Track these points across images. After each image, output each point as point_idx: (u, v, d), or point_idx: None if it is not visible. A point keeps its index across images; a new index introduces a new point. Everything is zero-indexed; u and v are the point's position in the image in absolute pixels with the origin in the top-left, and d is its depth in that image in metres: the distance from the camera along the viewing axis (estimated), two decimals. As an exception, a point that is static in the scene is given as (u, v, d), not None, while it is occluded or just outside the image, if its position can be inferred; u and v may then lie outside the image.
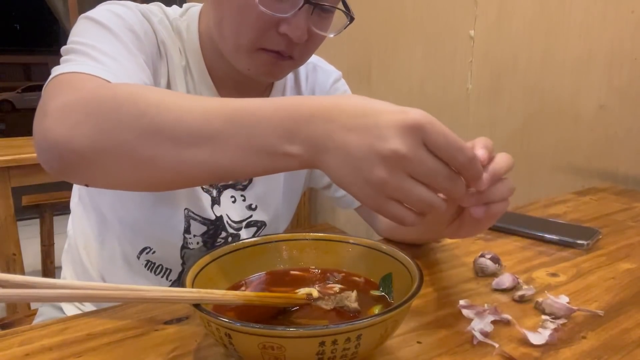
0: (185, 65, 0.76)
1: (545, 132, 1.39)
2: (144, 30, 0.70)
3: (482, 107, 1.56)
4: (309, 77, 0.89)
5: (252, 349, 0.40)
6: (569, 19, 1.30)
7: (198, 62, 0.76)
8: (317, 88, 0.90)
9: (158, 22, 0.73)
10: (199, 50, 0.76)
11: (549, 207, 0.99)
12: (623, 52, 1.20)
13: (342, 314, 0.50)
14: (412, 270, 0.50)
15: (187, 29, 0.76)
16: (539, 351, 0.50)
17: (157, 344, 0.51)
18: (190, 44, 0.76)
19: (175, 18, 0.76)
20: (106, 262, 0.80)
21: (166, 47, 0.74)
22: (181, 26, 0.76)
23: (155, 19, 0.73)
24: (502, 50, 1.48)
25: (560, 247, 0.78)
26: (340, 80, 0.92)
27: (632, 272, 0.68)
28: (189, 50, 0.76)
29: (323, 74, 0.90)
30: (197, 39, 0.76)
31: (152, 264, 0.79)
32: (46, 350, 0.50)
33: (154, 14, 0.73)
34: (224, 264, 0.54)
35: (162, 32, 0.73)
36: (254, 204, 0.83)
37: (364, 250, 0.57)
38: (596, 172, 1.29)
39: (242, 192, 0.82)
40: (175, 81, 0.74)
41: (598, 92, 1.26)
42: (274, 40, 0.67)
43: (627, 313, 0.57)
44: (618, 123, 1.23)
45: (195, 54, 0.76)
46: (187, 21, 0.77)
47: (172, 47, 0.74)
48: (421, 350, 0.50)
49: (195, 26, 0.76)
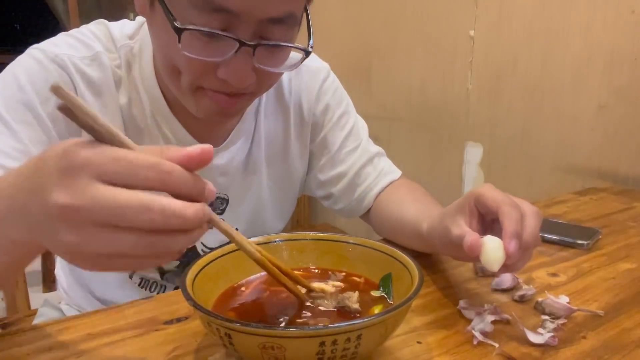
0: (128, 102, 0.68)
1: (545, 132, 1.39)
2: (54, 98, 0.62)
3: (482, 107, 1.56)
4: (293, 82, 0.80)
5: (252, 349, 0.40)
6: (569, 19, 1.30)
7: (152, 89, 0.68)
8: (304, 94, 0.81)
9: (89, 61, 0.65)
10: (153, 77, 0.68)
11: (549, 207, 0.99)
12: (623, 52, 1.20)
13: (343, 314, 0.50)
14: (412, 270, 0.50)
15: (139, 53, 0.68)
16: (539, 351, 0.50)
17: (157, 344, 0.51)
18: (144, 71, 0.68)
19: (123, 45, 0.68)
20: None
21: (96, 90, 0.65)
22: (131, 53, 0.68)
23: (81, 63, 0.64)
24: (502, 50, 1.48)
25: (560, 247, 0.78)
26: (330, 76, 0.84)
27: (632, 272, 0.68)
28: (144, 78, 0.68)
29: (308, 75, 0.81)
30: (151, 64, 0.67)
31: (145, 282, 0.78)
32: (46, 350, 0.50)
33: (76, 59, 0.64)
34: (223, 264, 0.54)
35: (89, 74, 0.65)
36: (234, 225, 0.78)
37: (364, 250, 0.57)
38: (596, 172, 1.29)
39: (220, 216, 0.76)
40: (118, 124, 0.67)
41: (598, 92, 1.26)
42: (215, 83, 0.59)
43: (627, 313, 0.57)
44: (618, 123, 1.23)
45: (149, 81, 0.68)
46: (140, 42, 0.68)
47: (106, 86, 0.66)
48: (421, 350, 0.50)
49: (149, 49, 0.67)
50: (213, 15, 0.52)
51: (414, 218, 0.68)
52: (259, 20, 0.54)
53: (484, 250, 0.51)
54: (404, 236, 0.72)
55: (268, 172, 0.80)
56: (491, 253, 0.51)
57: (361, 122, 0.86)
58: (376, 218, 0.81)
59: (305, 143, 0.82)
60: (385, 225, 0.79)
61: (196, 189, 0.36)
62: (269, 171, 0.80)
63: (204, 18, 0.53)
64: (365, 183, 0.81)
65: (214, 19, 0.53)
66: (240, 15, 0.53)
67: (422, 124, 1.77)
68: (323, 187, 0.84)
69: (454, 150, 1.64)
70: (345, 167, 0.82)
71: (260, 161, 0.79)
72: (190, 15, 0.53)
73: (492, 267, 0.51)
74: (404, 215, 0.72)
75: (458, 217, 0.56)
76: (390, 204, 0.78)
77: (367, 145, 0.84)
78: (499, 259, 0.50)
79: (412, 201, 0.75)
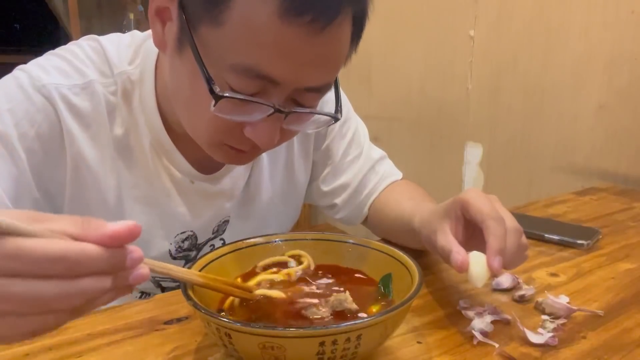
0: (125, 133, 0.64)
1: (545, 132, 1.39)
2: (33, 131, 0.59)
3: (482, 107, 1.56)
4: None
5: (252, 349, 0.40)
6: (569, 19, 1.30)
7: (153, 121, 0.64)
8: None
9: (79, 89, 0.61)
10: (154, 108, 0.64)
11: (549, 207, 0.99)
12: (623, 52, 1.20)
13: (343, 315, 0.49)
14: (412, 270, 0.50)
15: (139, 82, 0.64)
16: (539, 351, 0.50)
17: (157, 344, 0.51)
18: (145, 101, 0.64)
19: (121, 72, 0.64)
20: None
21: (84, 121, 0.62)
22: (129, 80, 0.64)
23: (70, 93, 0.61)
24: (502, 50, 1.47)
25: (560, 247, 0.78)
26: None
27: (632, 272, 0.68)
28: (145, 108, 0.64)
29: None
30: (153, 94, 0.64)
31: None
32: (46, 350, 0.50)
33: (64, 89, 0.60)
34: (223, 264, 0.54)
35: (78, 105, 0.61)
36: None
37: (364, 250, 0.57)
38: (596, 172, 1.29)
39: (221, 236, 0.76)
40: (103, 161, 0.63)
41: (598, 92, 1.26)
42: (238, 140, 0.57)
43: (627, 313, 0.57)
44: (618, 123, 1.23)
45: (150, 112, 0.64)
46: (140, 69, 0.64)
47: (96, 117, 0.62)
48: (421, 350, 0.50)
49: (150, 76, 0.64)
50: (253, 81, 0.51)
51: (407, 215, 0.68)
52: (296, 88, 0.53)
53: (470, 266, 0.52)
54: (400, 234, 0.72)
55: (272, 189, 0.79)
56: (476, 269, 0.52)
57: (362, 126, 0.85)
58: (374, 220, 0.81)
59: (308, 153, 0.81)
60: (383, 225, 0.79)
61: (113, 267, 0.33)
62: (273, 188, 0.79)
63: (242, 82, 0.51)
64: (365, 191, 0.81)
65: (253, 84, 0.51)
66: (280, 83, 0.51)
67: (422, 124, 1.76)
68: (326, 198, 0.83)
69: (454, 150, 1.64)
70: (348, 178, 0.81)
71: (263, 179, 0.77)
72: (227, 76, 0.51)
73: (477, 283, 0.52)
74: (399, 214, 0.72)
75: (444, 222, 0.57)
76: (387, 204, 0.78)
77: (369, 151, 0.83)
78: (483, 275, 0.52)
79: (407, 199, 0.75)
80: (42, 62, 0.63)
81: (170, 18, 0.55)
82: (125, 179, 0.66)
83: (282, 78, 0.51)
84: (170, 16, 0.55)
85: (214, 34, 0.50)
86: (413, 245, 0.69)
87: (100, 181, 0.64)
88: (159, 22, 0.56)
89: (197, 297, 0.44)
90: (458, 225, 0.56)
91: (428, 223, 0.60)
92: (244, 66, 0.50)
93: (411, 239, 0.68)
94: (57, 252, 0.31)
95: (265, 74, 0.50)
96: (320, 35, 0.49)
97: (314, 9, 0.47)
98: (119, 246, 0.33)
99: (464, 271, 0.52)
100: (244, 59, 0.49)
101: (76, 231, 0.33)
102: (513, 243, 0.53)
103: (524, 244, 0.55)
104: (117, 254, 0.33)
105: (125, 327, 0.54)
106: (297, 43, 0.49)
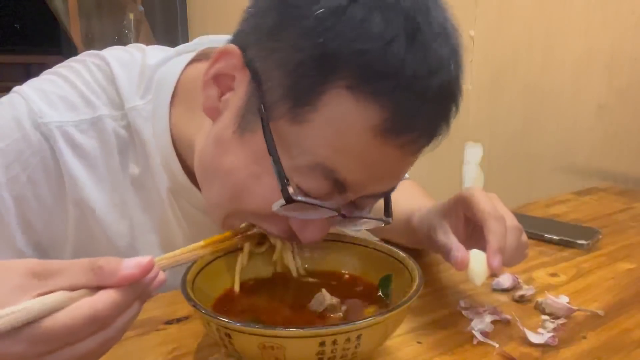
0: (140, 173, 0.59)
1: (545, 132, 1.39)
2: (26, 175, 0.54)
3: (482, 107, 1.56)
4: None
5: (252, 349, 0.40)
6: (569, 19, 1.29)
7: (170, 164, 0.58)
8: None
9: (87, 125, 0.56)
10: (171, 149, 0.58)
11: (549, 207, 0.99)
12: (623, 52, 1.20)
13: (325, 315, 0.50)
14: (412, 270, 0.50)
15: (152, 118, 0.58)
16: (539, 351, 0.50)
17: (157, 344, 0.51)
18: (160, 140, 0.58)
19: (133, 107, 0.58)
20: None
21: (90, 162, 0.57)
22: (140, 116, 0.58)
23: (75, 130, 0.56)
24: (502, 50, 1.47)
25: (560, 247, 0.78)
26: None
27: (632, 272, 0.68)
28: (161, 148, 0.58)
29: None
30: (168, 133, 0.58)
31: None
32: (46, 350, 0.49)
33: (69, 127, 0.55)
34: (224, 264, 0.54)
35: (83, 145, 0.56)
36: None
37: (364, 250, 0.57)
38: (596, 172, 1.29)
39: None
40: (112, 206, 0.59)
41: (598, 92, 1.26)
42: (277, 227, 0.51)
43: (627, 313, 0.57)
44: (618, 123, 1.23)
45: (166, 154, 0.58)
46: (153, 105, 0.58)
47: (104, 156, 0.57)
48: (421, 350, 0.50)
49: (164, 113, 0.58)
50: (325, 183, 0.46)
51: (406, 214, 0.68)
52: (362, 195, 0.49)
53: (470, 264, 0.52)
54: (399, 233, 0.72)
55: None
56: (476, 267, 0.52)
57: None
58: None
59: None
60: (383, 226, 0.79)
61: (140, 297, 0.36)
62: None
63: (313, 183, 0.46)
64: None
65: (325, 187, 0.46)
66: (352, 190, 0.47)
67: (422, 124, 1.76)
68: None
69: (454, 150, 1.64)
70: None
71: None
72: (297, 175, 0.46)
73: (476, 281, 0.52)
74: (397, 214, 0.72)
75: (444, 220, 0.57)
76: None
77: None
78: (483, 273, 0.52)
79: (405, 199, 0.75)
80: (46, 87, 0.57)
81: (231, 88, 0.49)
82: (139, 223, 0.61)
83: (355, 185, 0.47)
84: (232, 86, 0.49)
85: (293, 130, 0.45)
86: (412, 244, 0.69)
87: (109, 229, 0.59)
88: (216, 88, 0.50)
89: (197, 297, 0.44)
90: (458, 223, 0.56)
91: (427, 221, 0.60)
92: (322, 167, 0.45)
93: (410, 238, 0.67)
94: (87, 317, 0.32)
95: (342, 178, 0.46)
96: (408, 157, 0.47)
97: (413, 132, 0.45)
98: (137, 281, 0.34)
99: (463, 269, 0.52)
100: (325, 161, 0.45)
101: (90, 282, 0.33)
102: (513, 241, 0.53)
103: (523, 242, 0.55)
104: (141, 285, 0.35)
105: (125, 327, 0.54)
106: (384, 160, 0.46)
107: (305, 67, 0.44)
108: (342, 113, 0.43)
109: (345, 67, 0.42)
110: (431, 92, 0.44)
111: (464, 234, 0.56)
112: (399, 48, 0.42)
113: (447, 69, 0.45)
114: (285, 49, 0.45)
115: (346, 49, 0.42)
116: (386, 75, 0.42)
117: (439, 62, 0.44)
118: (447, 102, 0.48)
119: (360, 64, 0.42)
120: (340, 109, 0.43)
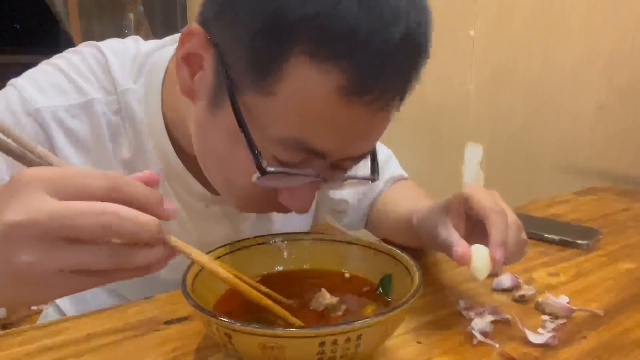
0: (132, 157, 0.60)
1: (545, 132, 1.39)
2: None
3: (482, 107, 1.56)
4: None
5: (252, 349, 0.40)
6: (569, 19, 1.30)
7: (163, 146, 0.60)
8: None
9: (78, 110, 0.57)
10: (163, 132, 0.59)
11: (549, 207, 0.99)
12: (623, 52, 1.20)
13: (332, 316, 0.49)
14: (412, 270, 0.50)
15: (145, 101, 0.59)
16: (539, 351, 0.50)
17: (157, 344, 0.51)
18: (152, 124, 0.59)
19: (125, 90, 0.59)
20: None
21: (83, 146, 0.58)
22: (134, 99, 0.59)
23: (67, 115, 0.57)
24: (502, 50, 1.47)
25: (560, 247, 0.78)
26: None
27: (632, 272, 0.68)
28: (153, 131, 0.60)
29: None
30: (160, 116, 0.59)
31: None
32: (46, 350, 0.50)
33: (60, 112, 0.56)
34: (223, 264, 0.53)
35: (75, 129, 0.57)
36: None
37: (364, 250, 0.57)
38: (596, 172, 1.29)
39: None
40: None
41: (598, 92, 1.26)
42: (271, 204, 0.53)
43: (627, 313, 0.57)
44: (618, 123, 1.23)
45: (159, 136, 0.60)
46: (145, 87, 0.59)
47: (96, 140, 0.59)
48: (421, 350, 0.50)
49: (156, 96, 0.59)
50: (300, 153, 0.47)
51: (406, 213, 0.68)
52: (340, 158, 0.50)
53: (472, 259, 0.52)
54: (399, 233, 0.72)
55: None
56: (478, 262, 0.51)
57: None
58: (374, 222, 0.81)
59: None
60: (383, 227, 0.79)
61: (153, 197, 0.36)
62: None
63: (288, 154, 0.47)
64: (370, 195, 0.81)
65: (300, 156, 0.48)
66: (328, 156, 0.48)
67: (422, 124, 1.76)
68: (334, 205, 0.83)
69: (454, 150, 1.64)
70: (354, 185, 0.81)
71: None
72: (272, 147, 0.47)
73: (478, 276, 0.52)
74: (397, 214, 0.72)
75: (445, 217, 0.56)
76: (386, 206, 0.78)
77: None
78: (485, 268, 0.51)
79: (405, 199, 0.75)
80: (38, 76, 0.58)
81: (201, 67, 0.50)
82: None
83: (330, 152, 0.48)
84: (201, 65, 0.50)
85: (261, 103, 0.46)
86: (414, 244, 0.69)
87: None
88: (187, 68, 0.50)
89: (197, 297, 0.44)
90: (459, 220, 0.56)
91: (428, 219, 0.60)
92: (294, 140, 0.46)
93: (411, 238, 0.67)
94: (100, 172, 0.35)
95: (314, 147, 0.47)
96: (378, 115, 0.47)
97: (377, 89, 0.44)
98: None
99: (466, 264, 0.51)
100: (295, 133, 0.46)
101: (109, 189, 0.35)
102: (514, 237, 0.53)
103: (523, 239, 0.55)
104: (155, 192, 0.36)
105: (125, 327, 0.54)
106: (353, 121, 0.46)
107: (262, 38, 0.43)
108: (305, 81, 0.43)
109: (300, 34, 0.42)
110: (391, 45, 0.43)
111: (465, 230, 0.56)
112: (350, 6, 0.41)
113: (405, 19, 0.44)
114: (241, 22, 0.45)
115: (298, 14, 0.41)
116: (341, 35, 0.41)
117: (394, 13, 0.43)
118: (411, 53, 0.47)
119: (314, 27, 0.41)
120: (303, 77, 0.43)
